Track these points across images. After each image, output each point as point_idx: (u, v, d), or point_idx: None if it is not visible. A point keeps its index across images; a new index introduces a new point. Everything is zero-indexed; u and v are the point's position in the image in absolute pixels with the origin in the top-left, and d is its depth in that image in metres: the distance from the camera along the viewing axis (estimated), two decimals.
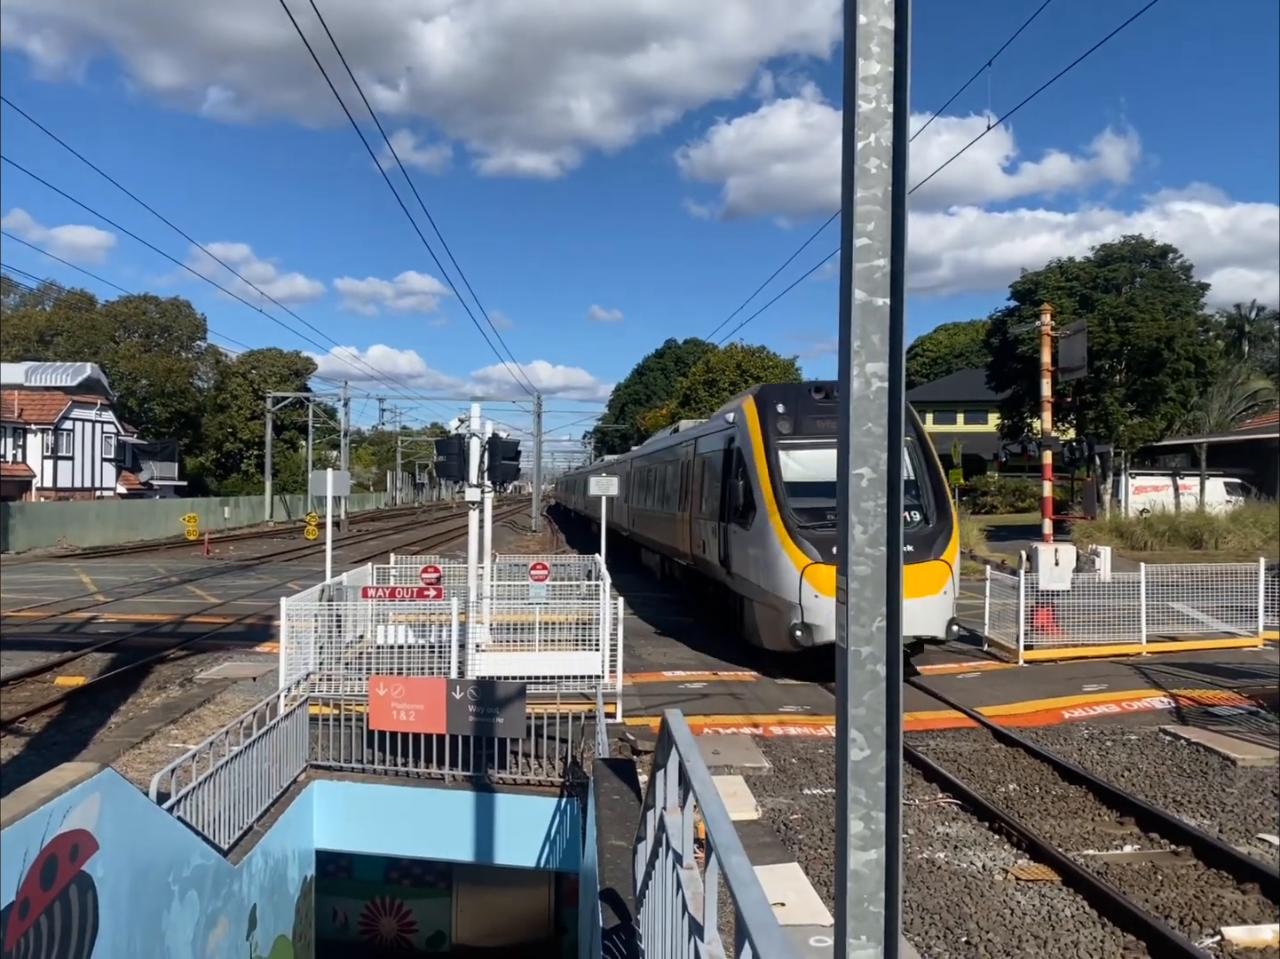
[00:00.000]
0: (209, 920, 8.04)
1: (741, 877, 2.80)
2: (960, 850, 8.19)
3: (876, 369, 3.13)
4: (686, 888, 3.69)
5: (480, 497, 15.52)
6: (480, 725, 10.36)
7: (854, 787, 3.11)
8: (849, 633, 3.12)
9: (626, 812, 7.72)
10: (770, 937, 2.36)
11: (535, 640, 13.88)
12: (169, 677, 15.10)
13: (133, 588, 26.62)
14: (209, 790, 8.32)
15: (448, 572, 17.74)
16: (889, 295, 3.14)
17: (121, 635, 18.30)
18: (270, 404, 69.51)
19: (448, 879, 15.34)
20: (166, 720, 12.25)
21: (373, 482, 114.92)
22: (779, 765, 10.53)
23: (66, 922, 5.99)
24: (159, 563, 35.37)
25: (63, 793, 5.93)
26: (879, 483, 3.13)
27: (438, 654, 13.30)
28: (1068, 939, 6.64)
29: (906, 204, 3.16)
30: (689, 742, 4.29)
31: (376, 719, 10.54)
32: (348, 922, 15.45)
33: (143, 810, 7.03)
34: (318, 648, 13.03)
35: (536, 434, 64.16)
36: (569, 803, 10.22)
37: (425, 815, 10.50)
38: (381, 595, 14.12)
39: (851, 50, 3.10)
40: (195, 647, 17.46)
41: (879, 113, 3.10)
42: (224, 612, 21.89)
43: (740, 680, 14.71)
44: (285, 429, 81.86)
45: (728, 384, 69.20)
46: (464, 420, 15.55)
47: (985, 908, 7.07)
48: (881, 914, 3.12)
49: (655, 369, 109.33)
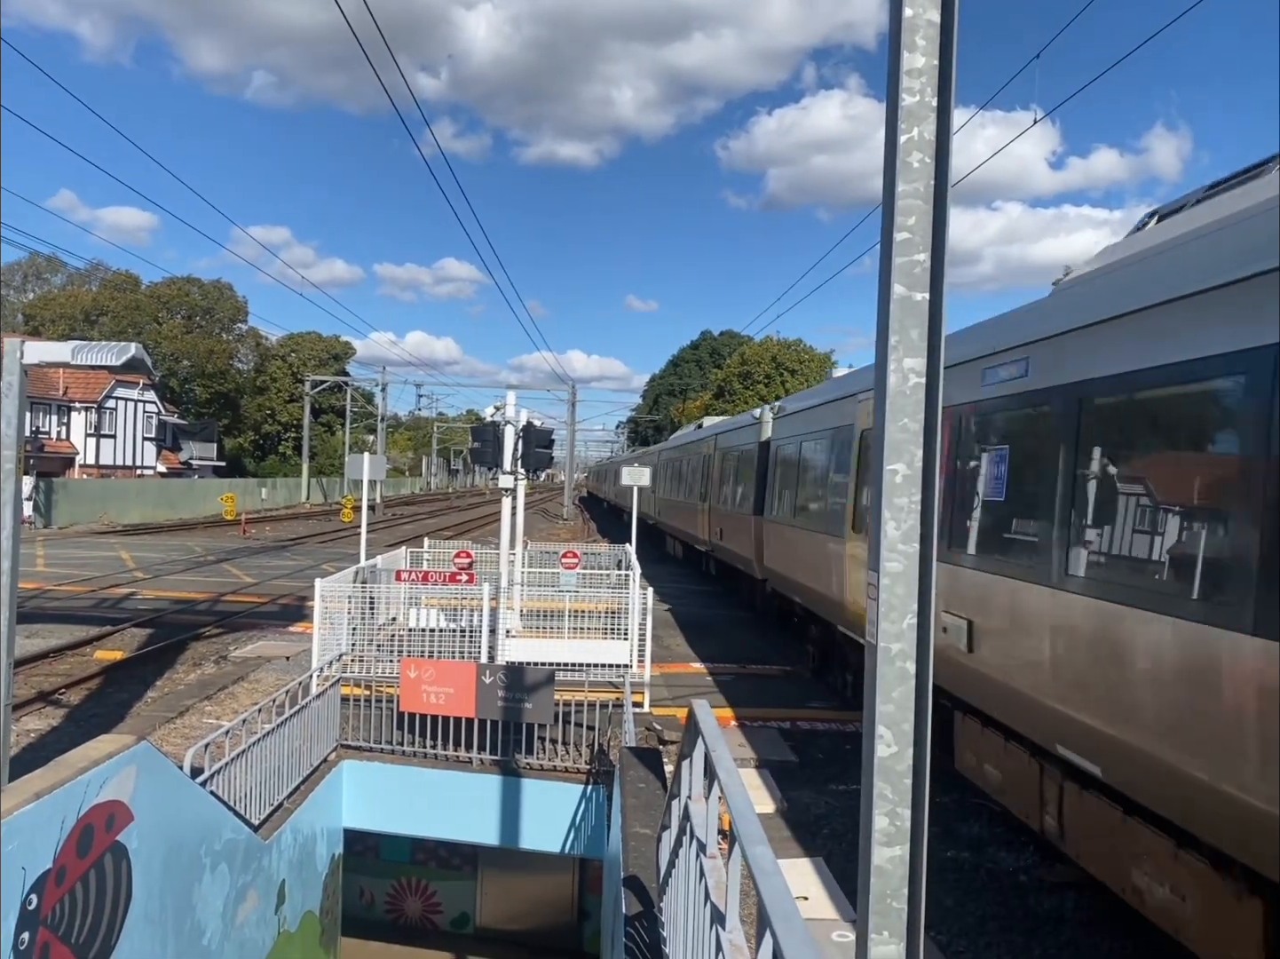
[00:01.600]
0: (239, 894, 8.18)
1: (765, 867, 2.81)
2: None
3: (914, 365, 3.11)
4: (709, 877, 3.71)
5: (513, 484, 15.59)
6: (509, 710, 10.44)
7: (880, 783, 3.10)
8: (879, 629, 3.12)
9: (651, 800, 7.75)
10: (792, 927, 2.37)
11: (565, 628, 13.95)
12: (204, 653, 15.34)
13: (170, 565, 27.03)
14: (241, 766, 8.46)
15: (480, 557, 17.86)
16: (928, 290, 3.12)
17: (159, 612, 18.61)
18: (309, 387, 70.19)
19: (473, 862, 15.49)
20: (201, 696, 12.45)
21: (408, 466, 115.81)
22: (805, 759, 10.52)
23: (101, 889, 6.12)
24: (196, 541, 35.88)
25: (100, 764, 6.06)
26: (914, 479, 3.12)
27: (468, 639, 13.41)
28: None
29: (948, 199, 3.14)
30: (715, 732, 4.30)
31: (407, 701, 10.65)
32: (374, 900, 15.65)
33: (177, 784, 7.16)
34: (350, 629, 13.18)
35: (570, 423, 64.31)
36: (594, 790, 10.28)
37: (452, 798, 10.60)
38: (414, 579, 14.24)
39: (896, 43, 3.07)
40: (230, 625, 17.71)
41: (923, 106, 3.07)
42: (259, 591, 22.17)
43: (768, 674, 14.69)
44: (323, 412, 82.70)
45: (762, 376, 68.91)
46: (499, 408, 15.63)
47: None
48: (904, 911, 3.11)
49: (690, 360, 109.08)
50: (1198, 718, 4.98)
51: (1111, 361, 6.08)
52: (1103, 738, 5.81)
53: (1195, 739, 4.98)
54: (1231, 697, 4.74)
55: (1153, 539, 5.67)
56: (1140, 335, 5.82)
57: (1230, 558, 4.90)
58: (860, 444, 11.24)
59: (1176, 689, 5.17)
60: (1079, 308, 6.75)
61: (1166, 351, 5.50)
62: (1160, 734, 5.26)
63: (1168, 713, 5.24)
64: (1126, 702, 5.57)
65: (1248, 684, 4.61)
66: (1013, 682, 6.99)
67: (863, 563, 10.44)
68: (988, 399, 7.86)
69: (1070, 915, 7.01)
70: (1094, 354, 6.31)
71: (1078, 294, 7.15)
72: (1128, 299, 6.05)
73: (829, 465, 12.96)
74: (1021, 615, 6.92)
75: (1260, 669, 4.51)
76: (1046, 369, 6.91)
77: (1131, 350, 5.88)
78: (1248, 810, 4.58)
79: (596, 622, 13.95)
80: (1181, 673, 5.12)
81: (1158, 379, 5.61)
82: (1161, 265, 6.03)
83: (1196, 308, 5.32)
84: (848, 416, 12.07)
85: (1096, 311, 6.39)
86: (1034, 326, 7.36)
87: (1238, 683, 4.70)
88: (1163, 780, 5.29)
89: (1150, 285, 5.86)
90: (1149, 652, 5.41)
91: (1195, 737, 4.98)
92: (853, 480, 11.49)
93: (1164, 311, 5.62)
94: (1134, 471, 6.02)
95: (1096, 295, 6.66)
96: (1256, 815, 4.52)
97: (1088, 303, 6.65)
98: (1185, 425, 5.57)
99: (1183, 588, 5.23)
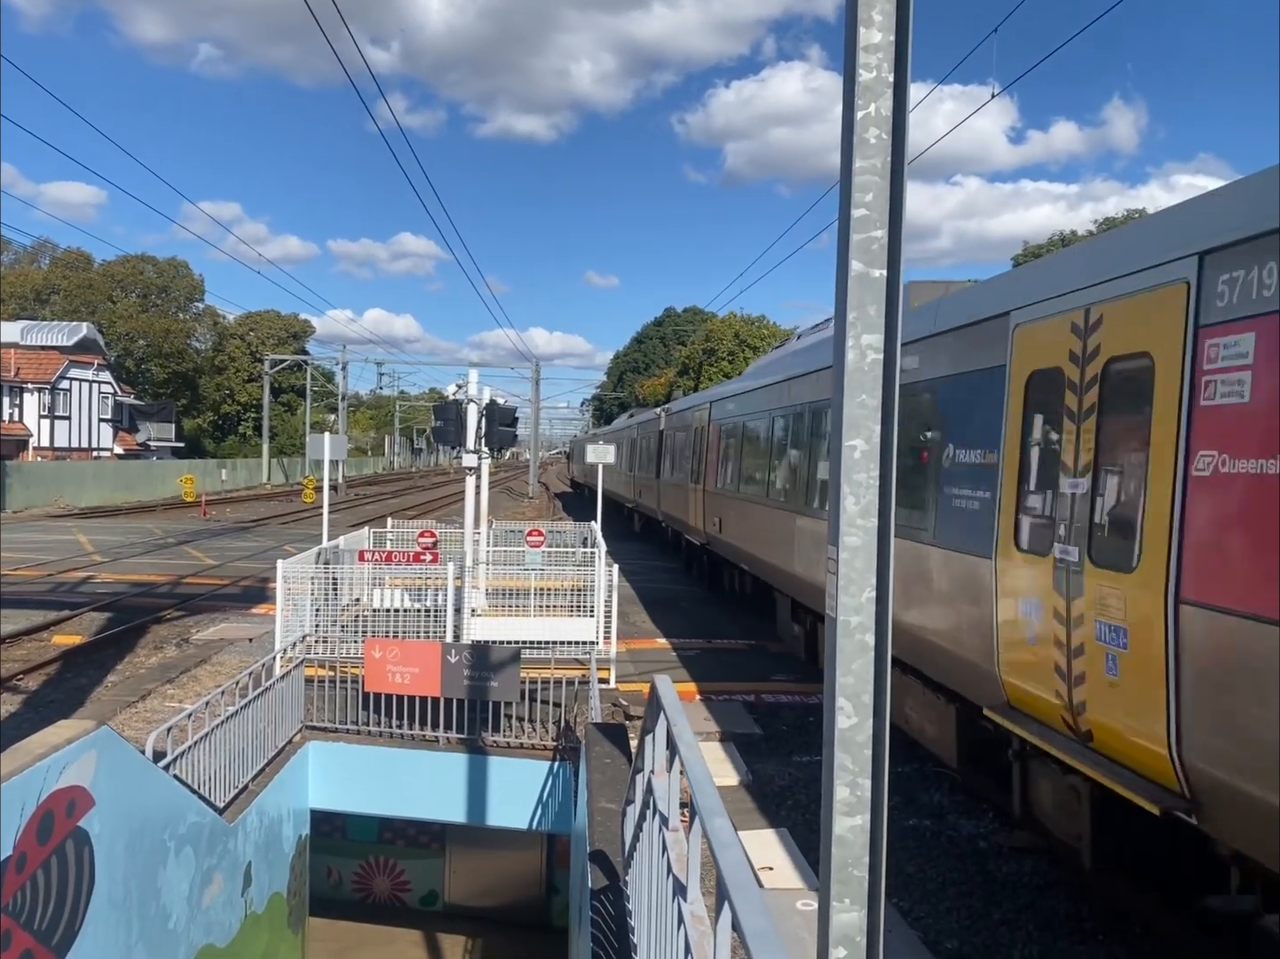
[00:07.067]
0: (204, 877, 8.15)
1: (723, 839, 2.85)
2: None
3: (872, 341, 3.14)
4: (671, 850, 3.75)
5: (477, 462, 15.53)
6: (475, 689, 10.44)
7: (840, 754, 3.15)
8: (838, 602, 3.16)
9: (617, 775, 7.81)
10: (749, 897, 2.40)
11: (530, 606, 13.95)
12: (165, 637, 15.17)
13: (130, 548, 26.66)
14: (205, 750, 8.40)
15: (444, 537, 17.78)
16: (886, 267, 3.14)
17: (118, 595, 18.36)
18: (268, 367, 69.26)
19: (441, 840, 15.54)
20: (163, 680, 12.33)
21: (370, 446, 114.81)
22: (770, 732, 10.63)
23: (63, 876, 6.06)
24: (156, 524, 35.40)
25: (60, 749, 5.99)
26: (872, 454, 3.15)
27: (433, 618, 13.37)
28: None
29: (906, 175, 3.15)
30: (676, 706, 4.34)
31: (372, 681, 10.62)
32: (341, 880, 15.66)
33: (139, 768, 7.10)
34: (314, 610, 13.10)
35: (534, 400, 64.07)
36: (561, 766, 10.33)
37: (419, 777, 10.61)
38: (378, 559, 14.16)
39: (853, 19, 3.08)
40: (192, 607, 17.53)
41: (880, 82, 3.08)
42: (221, 573, 21.94)
43: (733, 649, 14.80)
44: (283, 392, 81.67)
45: (726, 353, 69.02)
46: (462, 386, 15.53)
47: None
48: (865, 879, 3.18)
49: (654, 337, 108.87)
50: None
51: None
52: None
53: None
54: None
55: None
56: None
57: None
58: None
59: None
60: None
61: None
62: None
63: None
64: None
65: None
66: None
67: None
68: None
69: (1027, 880, 7.17)
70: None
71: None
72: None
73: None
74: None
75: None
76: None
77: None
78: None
79: (562, 599, 13.96)
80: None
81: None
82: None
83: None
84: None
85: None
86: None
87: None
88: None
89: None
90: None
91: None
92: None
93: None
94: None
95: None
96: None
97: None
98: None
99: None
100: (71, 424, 58.11)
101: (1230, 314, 4.73)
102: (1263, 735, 4.26)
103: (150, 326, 71.45)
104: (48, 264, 75.67)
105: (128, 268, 74.31)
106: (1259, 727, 4.32)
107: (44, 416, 55.83)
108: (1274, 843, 4.30)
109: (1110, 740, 5.55)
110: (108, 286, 73.44)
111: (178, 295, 76.45)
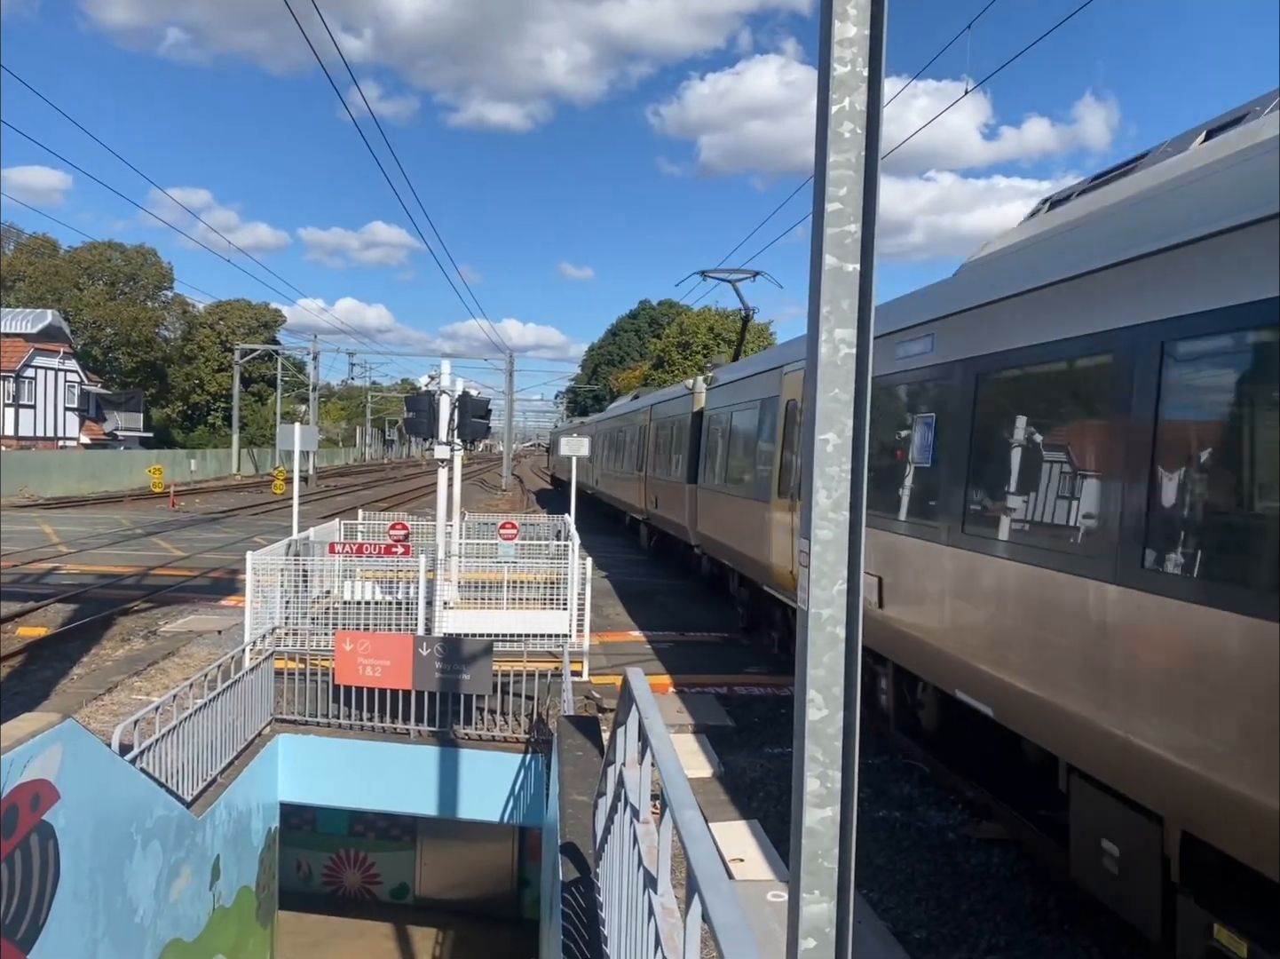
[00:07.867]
0: (172, 871, 8.08)
1: (693, 831, 2.85)
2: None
3: (845, 335, 3.14)
4: (642, 842, 3.76)
5: (450, 454, 15.46)
6: (446, 682, 10.41)
7: (811, 745, 3.16)
8: (810, 595, 3.16)
9: (589, 768, 7.81)
10: (719, 890, 2.41)
11: (503, 599, 13.92)
12: (133, 629, 15.00)
13: (96, 539, 26.33)
14: (172, 743, 8.32)
15: (416, 529, 17.70)
16: (859, 261, 3.15)
17: (85, 587, 18.13)
18: (238, 356, 68.54)
19: (412, 833, 15.49)
20: (130, 672, 12.19)
21: (342, 437, 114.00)
22: (742, 724, 10.67)
23: (28, 870, 5.99)
24: (123, 515, 34.98)
25: (24, 743, 5.91)
26: (844, 448, 3.16)
27: (405, 611, 13.31)
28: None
29: (879, 170, 3.16)
30: (648, 699, 4.35)
31: (342, 674, 10.56)
32: (311, 873, 15.58)
33: (105, 761, 7.02)
34: (284, 602, 13.00)
35: (509, 392, 63.82)
36: (533, 759, 10.32)
37: (390, 770, 10.57)
38: (349, 551, 14.07)
39: (828, 12, 3.07)
40: (160, 599, 17.33)
41: (854, 76, 3.08)
42: (189, 565, 21.71)
43: (706, 641, 14.84)
44: (253, 382, 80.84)
45: (700, 346, 69.05)
46: (434, 377, 15.45)
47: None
48: (835, 870, 3.19)
49: (629, 330, 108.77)
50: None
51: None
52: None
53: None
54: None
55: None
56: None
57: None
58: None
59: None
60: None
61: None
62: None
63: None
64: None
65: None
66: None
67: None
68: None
69: (995, 871, 7.25)
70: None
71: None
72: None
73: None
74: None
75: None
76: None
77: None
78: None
79: (535, 592, 13.94)
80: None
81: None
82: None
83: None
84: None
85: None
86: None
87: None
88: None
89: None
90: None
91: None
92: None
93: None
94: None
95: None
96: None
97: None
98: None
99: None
100: (37, 413, 57.25)
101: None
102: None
103: (118, 314, 70.46)
104: (12, 250, 74.39)
105: (95, 255, 73.20)
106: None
107: (8, 405, 54.95)
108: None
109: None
110: (74, 273, 72.33)
111: (146, 283, 75.39)
